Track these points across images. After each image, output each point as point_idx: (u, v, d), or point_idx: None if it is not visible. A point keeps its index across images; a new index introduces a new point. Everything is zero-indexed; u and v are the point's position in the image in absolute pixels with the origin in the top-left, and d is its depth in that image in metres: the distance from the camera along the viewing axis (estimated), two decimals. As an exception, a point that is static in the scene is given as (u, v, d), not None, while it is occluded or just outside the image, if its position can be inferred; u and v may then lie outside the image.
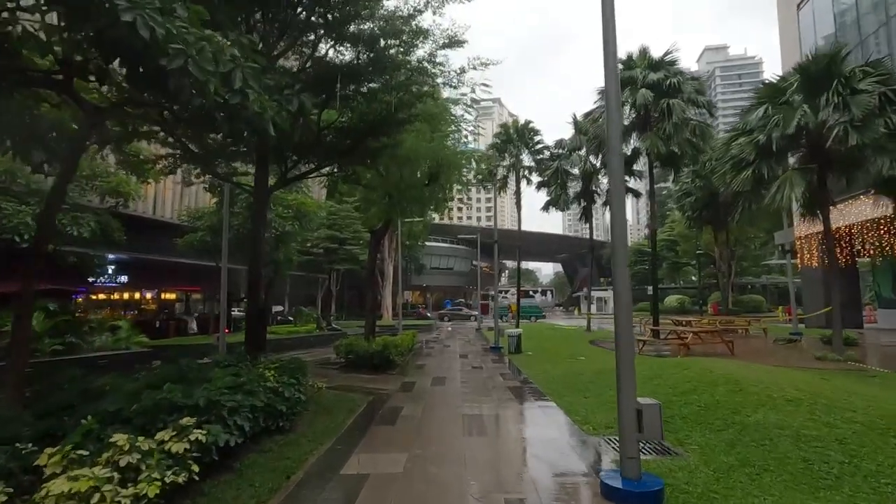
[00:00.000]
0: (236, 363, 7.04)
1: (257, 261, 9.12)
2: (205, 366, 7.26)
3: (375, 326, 15.65)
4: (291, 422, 6.65)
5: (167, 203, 24.66)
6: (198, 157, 9.68)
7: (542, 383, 10.45)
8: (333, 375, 12.20)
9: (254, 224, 9.22)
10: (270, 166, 10.77)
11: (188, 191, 25.52)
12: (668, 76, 17.93)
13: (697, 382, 7.73)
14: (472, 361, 15.06)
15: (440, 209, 19.88)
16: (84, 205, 13.67)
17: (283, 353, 17.44)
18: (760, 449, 5.30)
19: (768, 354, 14.68)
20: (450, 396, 9.48)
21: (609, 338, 21.59)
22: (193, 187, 25.24)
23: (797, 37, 23.55)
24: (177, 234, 21.58)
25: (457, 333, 28.72)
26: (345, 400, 8.82)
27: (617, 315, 4.66)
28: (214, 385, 5.32)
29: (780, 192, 13.31)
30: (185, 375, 5.90)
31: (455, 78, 9.19)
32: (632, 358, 4.56)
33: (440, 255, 65.21)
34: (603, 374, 10.52)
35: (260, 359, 8.57)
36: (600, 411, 7.59)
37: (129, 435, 3.92)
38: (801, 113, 13.19)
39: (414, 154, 12.74)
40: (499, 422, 7.52)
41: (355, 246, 32.38)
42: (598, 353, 15.94)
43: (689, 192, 29.03)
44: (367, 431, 6.82)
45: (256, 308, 8.99)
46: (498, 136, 27.06)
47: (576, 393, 9.13)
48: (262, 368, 6.94)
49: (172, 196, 24.80)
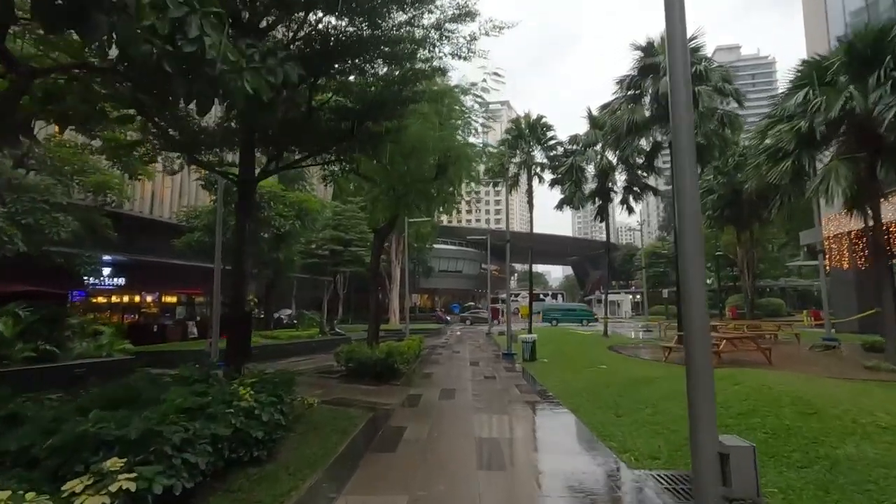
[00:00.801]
0: (205, 378, 5.91)
1: (240, 258, 8.04)
2: (177, 379, 6.17)
3: (379, 331, 14.52)
4: (270, 449, 5.52)
5: (165, 203, 23.78)
6: (177, 143, 8.63)
7: (565, 397, 9.24)
8: (331, 386, 11.08)
9: (237, 216, 8.15)
10: (260, 155, 9.72)
11: (187, 190, 24.66)
12: (694, 63, 16.66)
13: (756, 401, 6.49)
14: (483, 370, 13.87)
15: (449, 208, 18.71)
16: (65, 204, 12.73)
17: (282, 361, 16.55)
18: (866, 496, 4.07)
19: (809, 363, 13.30)
20: (460, 413, 8.31)
21: (628, 344, 20.29)
22: (193, 186, 24.53)
23: (824, 17, 22.15)
24: (176, 234, 20.69)
25: (466, 338, 27.52)
26: (340, 417, 7.68)
27: (689, 323, 3.48)
28: (160, 410, 4.20)
29: (825, 184, 11.98)
30: (138, 395, 4.79)
31: (465, 47, 8.05)
32: (710, 381, 3.36)
33: (449, 258, 64.02)
34: (633, 386, 9.31)
35: (243, 370, 7.48)
36: (639, 435, 6.38)
37: (13, 491, 2.80)
38: (847, 95, 11.90)
39: (420, 143, 11.62)
40: (519, 449, 6.33)
41: (361, 248, 31.30)
42: (619, 361, 14.67)
43: (711, 190, 27.48)
44: (361, 460, 5.67)
45: (239, 311, 7.89)
46: (509, 131, 25.84)
47: (605, 410, 7.91)
48: (237, 384, 5.82)
49: (171, 195, 23.91)
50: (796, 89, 13.28)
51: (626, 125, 17.40)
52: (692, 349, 3.41)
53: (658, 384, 8.91)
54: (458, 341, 25.31)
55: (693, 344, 3.41)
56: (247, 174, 8.17)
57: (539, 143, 25.63)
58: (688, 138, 3.78)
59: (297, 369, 14.30)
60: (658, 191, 22.88)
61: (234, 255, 8.12)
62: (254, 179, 8.36)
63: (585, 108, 21.99)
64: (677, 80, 3.70)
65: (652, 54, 17.79)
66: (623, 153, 19.46)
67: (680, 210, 3.69)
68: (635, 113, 17.35)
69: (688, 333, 3.47)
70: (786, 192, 13.66)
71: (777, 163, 13.19)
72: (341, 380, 11.91)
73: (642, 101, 18.33)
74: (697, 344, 3.39)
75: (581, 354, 16.60)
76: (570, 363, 14.27)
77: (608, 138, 20.27)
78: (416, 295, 64.09)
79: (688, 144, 3.76)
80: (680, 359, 15.05)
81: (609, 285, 61.02)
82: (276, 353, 17.45)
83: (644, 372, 11.39)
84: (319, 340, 20.58)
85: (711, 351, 3.46)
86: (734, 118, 17.10)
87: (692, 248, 3.55)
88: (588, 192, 24.93)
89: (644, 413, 7.27)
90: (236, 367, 7.39)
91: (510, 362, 15.60)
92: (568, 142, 25.18)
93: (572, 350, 18.28)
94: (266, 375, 6.99)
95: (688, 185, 3.67)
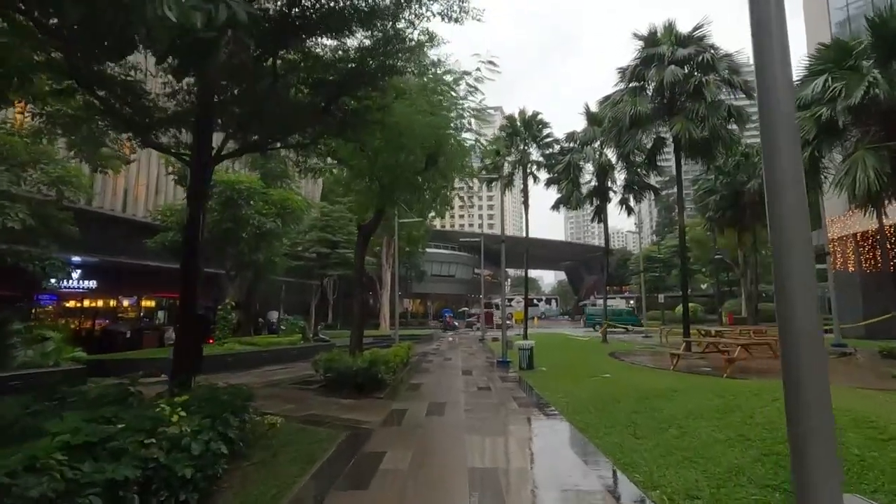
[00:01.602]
0: (125, 397, 4.68)
1: (194, 253, 6.82)
2: (90, 400, 4.93)
3: (363, 337, 13.30)
4: (204, 491, 4.29)
5: (140, 201, 22.41)
6: (127, 122, 7.43)
7: (570, 413, 8.06)
8: (306, 400, 9.84)
9: (189, 204, 6.95)
10: (225, 135, 8.51)
11: (163, 188, 23.32)
12: (700, 51, 15.71)
13: (806, 422, 5.36)
14: (477, 380, 12.69)
15: (442, 208, 17.49)
16: (14, 193, 11.48)
17: (257, 370, 15.23)
18: None
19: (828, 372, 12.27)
20: (450, 434, 7.12)
21: (630, 351, 19.18)
22: (170, 184, 23.16)
23: (825, 8, 21.42)
24: (151, 234, 19.41)
25: (459, 344, 26.31)
26: (308, 440, 6.46)
27: (791, 334, 2.32)
28: (35, 449, 2.98)
29: (850, 176, 11.02)
30: (8, 426, 3.57)
31: (456, 4, 6.93)
32: (828, 417, 2.19)
33: (441, 262, 62.88)
34: (648, 400, 8.16)
35: (191, 385, 6.26)
36: (668, 464, 5.21)
37: None
38: (871, 80, 10.97)
39: (408, 129, 10.47)
40: (521, 484, 5.14)
41: (349, 250, 30.13)
42: (623, 370, 13.57)
43: (712, 190, 26.70)
44: (324, 502, 4.47)
45: (190, 314, 6.66)
46: (503, 128, 24.83)
47: (620, 430, 6.74)
48: (165, 405, 4.60)
49: (145, 193, 22.56)
50: (813, 76, 12.33)
51: (628, 118, 16.38)
52: (796, 371, 2.23)
53: (678, 399, 7.77)
54: (451, 347, 24.10)
55: (798, 363, 2.24)
56: (201, 154, 6.98)
57: (535, 141, 24.61)
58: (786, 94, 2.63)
59: (271, 379, 13.07)
60: (659, 190, 21.85)
61: (185, 248, 6.91)
62: (210, 161, 7.17)
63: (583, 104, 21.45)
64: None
65: (654, 43, 16.83)
66: (624, 149, 18.43)
67: (777, 184, 2.52)
68: (638, 104, 16.34)
69: (789, 347, 2.31)
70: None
71: (794, 154, 12.20)
72: (319, 392, 10.68)
73: (645, 93, 17.34)
74: (805, 363, 2.22)
75: (581, 362, 15.48)
76: (571, 372, 13.12)
77: (609, 133, 19.22)
78: (408, 300, 62.86)
79: (786, 96, 2.61)
80: (687, 366, 14.01)
81: (603, 290, 60.18)
82: (253, 361, 16.16)
83: (654, 382, 10.27)
84: (301, 347, 19.30)
85: (827, 370, 2.30)
86: (741, 111, 16.11)
87: (796, 235, 2.39)
88: (586, 191, 23.93)
89: (668, 435, 6.12)
90: (182, 380, 6.18)
91: (505, 371, 14.43)
92: (565, 139, 24.18)
93: (571, 357, 17.16)
94: (215, 392, 5.78)
95: (788, 148, 2.52)
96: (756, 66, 2.47)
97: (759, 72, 2.47)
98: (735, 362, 12.30)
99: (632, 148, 17.96)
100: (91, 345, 18.79)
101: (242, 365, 15.46)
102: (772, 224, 2.46)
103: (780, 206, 2.43)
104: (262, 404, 8.57)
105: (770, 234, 2.40)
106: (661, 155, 19.20)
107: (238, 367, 15.10)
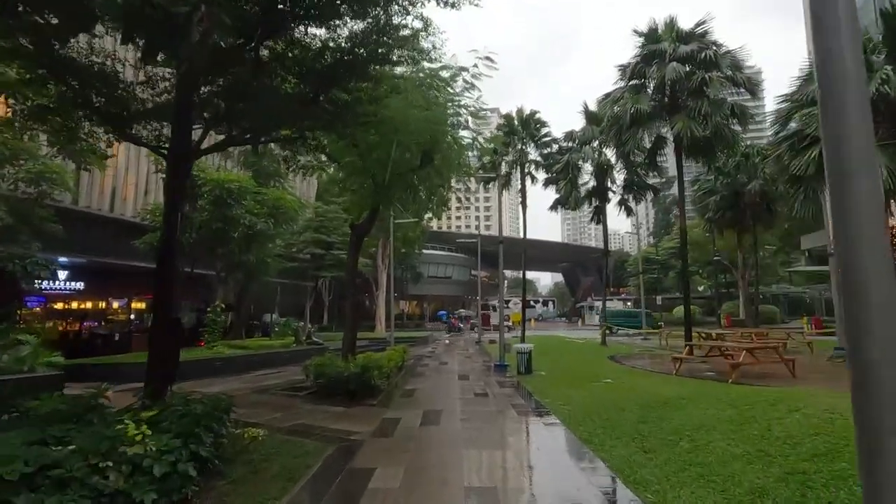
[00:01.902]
0: (87, 410, 4.22)
1: (171, 251, 6.36)
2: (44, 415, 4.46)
3: (356, 340, 12.82)
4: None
5: (128, 200, 21.87)
6: (102, 113, 6.96)
7: (573, 422, 7.61)
8: (294, 408, 9.37)
9: (167, 198, 6.49)
10: (205, 127, 8.04)
11: (152, 187, 22.77)
12: (703, 48, 15.34)
13: (831, 436, 4.95)
14: (473, 385, 12.25)
15: (437, 208, 17.01)
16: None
17: (248, 375, 14.67)
18: None
19: (835, 377, 11.79)
20: (445, 447, 6.68)
21: (630, 354, 18.79)
22: (159, 183, 22.63)
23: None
24: (140, 234, 18.89)
25: (455, 347, 25.86)
26: (292, 454, 6.00)
27: (864, 341, 1.89)
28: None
29: (860, 175, 10.63)
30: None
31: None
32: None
33: (438, 264, 62.38)
34: (654, 409, 7.74)
35: (166, 395, 5.80)
36: (682, 482, 4.78)
37: None
38: (884, 76, 10.61)
39: (402, 124, 10.05)
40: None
41: (344, 251, 29.62)
42: (625, 374, 13.17)
43: (712, 191, 26.33)
44: (304, 529, 4.02)
45: (166, 317, 6.19)
46: (501, 127, 24.44)
47: (627, 442, 6.30)
48: (129, 420, 4.13)
49: (134, 192, 22.02)
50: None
51: (629, 115, 15.99)
52: (872, 387, 1.83)
53: (687, 407, 7.35)
54: (446, 350, 23.65)
55: (874, 379, 1.82)
56: (179, 147, 6.51)
57: (532, 140, 24.20)
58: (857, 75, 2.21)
59: (260, 385, 12.56)
60: (658, 190, 21.48)
61: (162, 247, 6.44)
62: (189, 154, 6.70)
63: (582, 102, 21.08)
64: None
65: (655, 40, 16.46)
66: (624, 148, 18.02)
67: (843, 174, 2.10)
68: (639, 102, 15.96)
69: (859, 355, 1.90)
70: (809, 185, 12.32)
71: (801, 152, 11.83)
72: (308, 399, 10.20)
73: (646, 91, 16.96)
74: (885, 378, 1.80)
75: (581, 366, 15.07)
76: (571, 376, 12.70)
77: (608, 132, 18.82)
78: (404, 302, 62.34)
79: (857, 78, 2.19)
80: (689, 371, 13.61)
81: (600, 291, 59.83)
82: (243, 365, 15.66)
83: (658, 388, 9.87)
84: (294, 350, 18.77)
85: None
86: (745, 109, 15.75)
87: (871, 229, 1.96)
88: (584, 192, 23.54)
89: (680, 448, 5.69)
90: (156, 390, 5.71)
91: (503, 375, 13.99)
92: (563, 139, 23.79)
93: (570, 361, 16.74)
94: (192, 402, 5.31)
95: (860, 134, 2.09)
96: (814, 35, 2.03)
97: (818, 42, 2.02)
98: (739, 367, 11.90)
99: (632, 147, 17.57)
100: (77, 348, 18.27)
101: (231, 369, 14.96)
102: (837, 218, 2.01)
103: (847, 199, 1.99)
104: (247, 413, 8.12)
105: (835, 229, 1.96)
106: (660, 155, 18.84)
107: (227, 371, 14.60)
